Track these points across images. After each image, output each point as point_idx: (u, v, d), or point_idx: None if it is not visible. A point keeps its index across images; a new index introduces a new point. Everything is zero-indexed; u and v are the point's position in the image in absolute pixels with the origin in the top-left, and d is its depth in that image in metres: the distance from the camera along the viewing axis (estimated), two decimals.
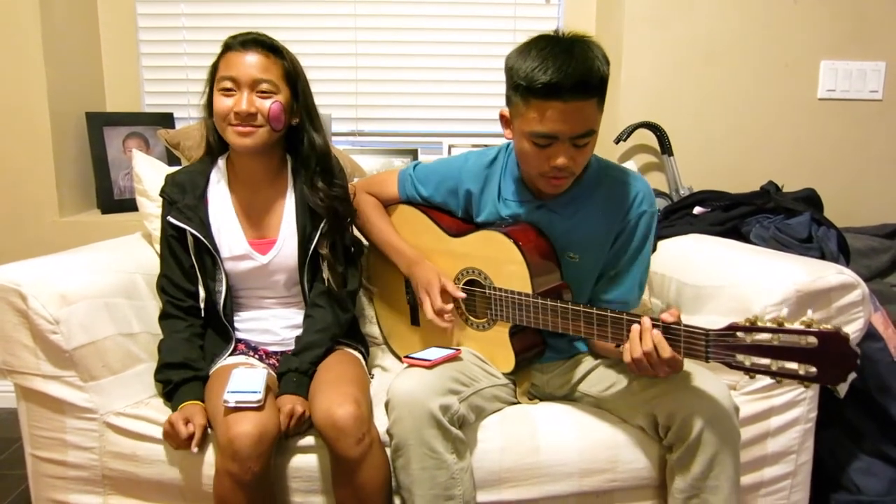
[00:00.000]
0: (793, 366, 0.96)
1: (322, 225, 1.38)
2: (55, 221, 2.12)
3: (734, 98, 2.15)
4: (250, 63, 1.29)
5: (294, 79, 1.35)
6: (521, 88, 1.16)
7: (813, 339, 0.93)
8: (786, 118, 2.16)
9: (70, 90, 2.16)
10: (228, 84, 1.29)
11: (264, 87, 1.30)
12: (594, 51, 1.16)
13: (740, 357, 1.00)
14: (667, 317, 1.08)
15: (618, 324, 1.15)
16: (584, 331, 1.20)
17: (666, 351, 1.07)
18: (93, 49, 2.31)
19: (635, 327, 1.10)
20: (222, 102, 1.30)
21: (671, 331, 1.08)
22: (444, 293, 1.34)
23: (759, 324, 0.98)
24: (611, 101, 2.15)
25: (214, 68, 1.33)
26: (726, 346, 1.02)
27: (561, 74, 1.11)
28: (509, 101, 1.23)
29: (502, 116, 1.27)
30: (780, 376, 0.97)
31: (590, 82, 1.13)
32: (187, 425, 1.19)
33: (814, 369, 0.94)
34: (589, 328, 1.19)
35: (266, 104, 1.30)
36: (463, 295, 1.35)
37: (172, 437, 1.19)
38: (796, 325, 0.95)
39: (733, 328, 1.01)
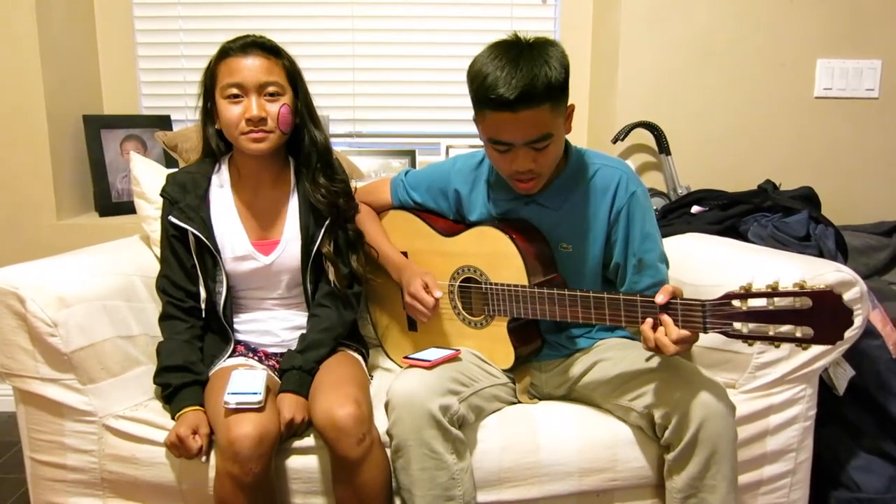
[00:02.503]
0: (789, 328, 0.97)
1: (323, 230, 1.38)
2: (52, 224, 2.11)
3: (731, 97, 2.15)
4: (254, 67, 1.28)
5: (295, 78, 1.35)
6: (474, 99, 1.21)
7: (807, 300, 0.94)
8: (783, 117, 2.16)
9: (67, 93, 2.16)
10: (235, 91, 1.28)
11: (271, 89, 1.30)
12: (544, 56, 1.16)
13: (737, 325, 1.01)
14: (659, 298, 1.09)
15: (615, 305, 1.15)
16: (581, 316, 1.20)
17: (673, 332, 1.08)
18: (90, 51, 2.30)
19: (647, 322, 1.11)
20: (231, 111, 1.29)
21: (669, 307, 1.09)
22: (428, 289, 1.36)
23: (754, 290, 0.99)
24: (608, 101, 2.18)
25: (212, 75, 1.32)
26: (723, 315, 1.03)
27: (504, 87, 1.14)
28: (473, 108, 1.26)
29: (475, 120, 1.29)
30: (778, 340, 0.98)
31: (534, 93, 1.14)
32: (195, 437, 1.18)
33: (810, 330, 0.95)
34: (587, 313, 1.19)
35: (275, 108, 1.30)
36: (440, 294, 1.34)
37: (178, 449, 1.18)
38: (790, 288, 0.96)
39: (729, 296, 1.02)
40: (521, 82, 1.13)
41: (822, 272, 1.28)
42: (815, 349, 1.26)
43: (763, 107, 2.16)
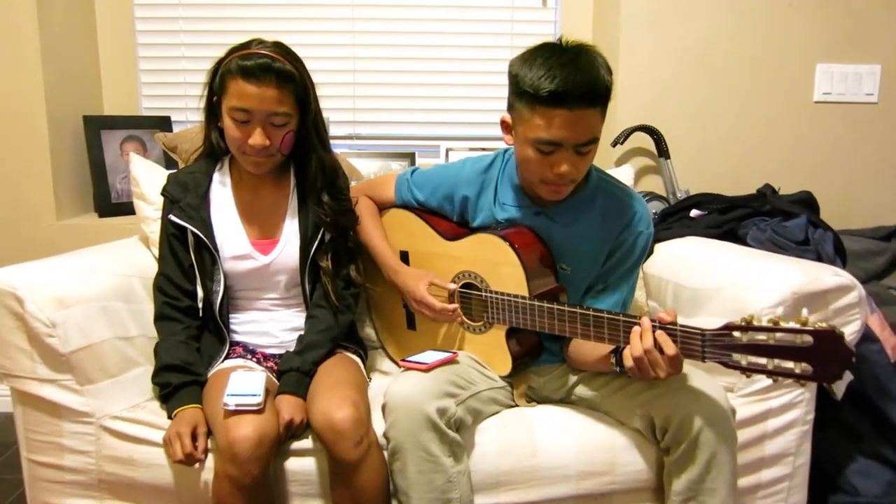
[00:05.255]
0: (788, 364, 0.96)
1: (321, 233, 1.38)
2: (52, 225, 2.11)
3: (731, 101, 2.15)
4: (265, 97, 1.26)
5: (305, 101, 1.33)
6: (526, 95, 1.17)
7: (808, 338, 0.94)
8: (782, 121, 2.16)
9: (67, 93, 2.16)
10: (242, 116, 1.27)
11: (278, 120, 1.29)
12: (598, 60, 1.17)
13: (736, 356, 1.01)
14: (664, 316, 1.08)
15: (614, 325, 1.15)
16: (580, 332, 1.20)
17: (670, 347, 1.05)
18: (90, 52, 2.30)
19: (636, 329, 1.10)
20: (236, 131, 1.28)
21: (667, 331, 1.08)
22: (434, 287, 1.35)
23: (755, 323, 0.99)
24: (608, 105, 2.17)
25: (222, 83, 1.28)
26: (723, 345, 1.02)
27: (568, 83, 1.12)
28: (512, 108, 1.24)
29: (503, 122, 1.28)
30: (777, 375, 0.98)
31: (596, 91, 1.15)
32: (195, 441, 1.18)
33: (809, 367, 0.95)
34: (585, 330, 1.19)
35: (279, 135, 1.30)
36: (454, 286, 1.35)
37: (175, 446, 1.18)
38: (792, 324, 0.95)
39: (729, 328, 1.01)
40: (584, 80, 1.13)
41: (821, 276, 1.28)
42: (812, 382, 1.26)
43: (762, 111, 2.16)
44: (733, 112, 2.16)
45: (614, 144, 2.09)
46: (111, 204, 2.22)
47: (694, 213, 1.85)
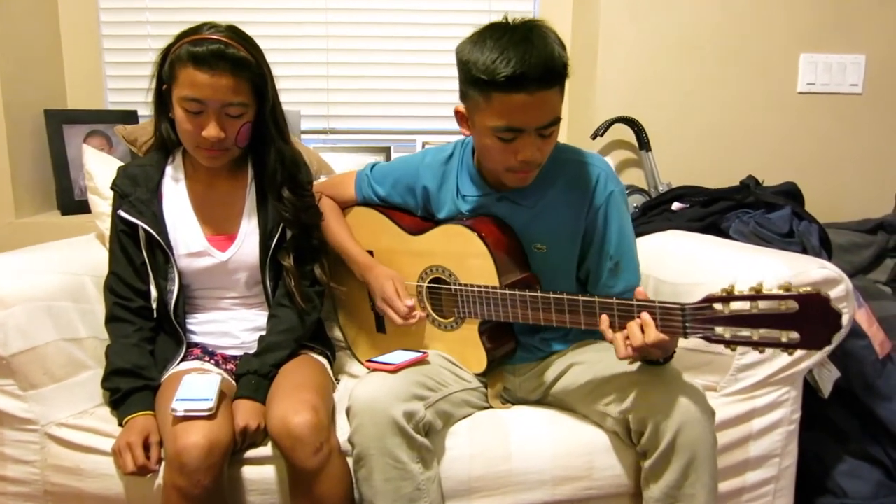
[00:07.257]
0: (774, 333, 0.92)
1: (282, 229, 1.32)
2: (11, 223, 2.03)
3: (713, 92, 2.11)
4: (219, 86, 1.18)
5: (263, 89, 1.25)
6: (480, 82, 1.10)
7: (793, 303, 0.90)
8: (766, 112, 2.12)
9: (27, 86, 2.07)
10: (195, 107, 1.19)
11: (234, 110, 1.21)
12: (550, 36, 1.11)
13: (720, 330, 0.96)
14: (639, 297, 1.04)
15: (590, 309, 1.10)
16: (555, 319, 1.14)
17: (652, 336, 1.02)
18: (52, 42, 2.21)
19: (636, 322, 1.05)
20: (187, 123, 1.21)
21: (646, 308, 1.03)
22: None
23: (737, 293, 0.94)
24: (587, 96, 2.13)
25: (171, 70, 1.21)
26: (704, 319, 0.98)
27: (524, 65, 1.06)
28: (465, 97, 1.17)
29: (458, 113, 1.21)
30: (763, 346, 0.94)
31: (554, 70, 1.09)
32: (147, 451, 1.11)
33: (796, 335, 0.91)
34: (561, 316, 1.14)
35: (235, 126, 1.23)
36: (412, 303, 1.29)
37: (125, 457, 1.11)
38: (775, 291, 0.91)
39: (710, 300, 0.97)
40: (540, 59, 1.06)
41: (807, 269, 1.24)
42: (800, 350, 1.22)
43: (745, 102, 2.11)
44: (716, 103, 2.11)
45: (594, 137, 2.04)
46: (74, 201, 2.13)
47: (676, 206, 1.81)
